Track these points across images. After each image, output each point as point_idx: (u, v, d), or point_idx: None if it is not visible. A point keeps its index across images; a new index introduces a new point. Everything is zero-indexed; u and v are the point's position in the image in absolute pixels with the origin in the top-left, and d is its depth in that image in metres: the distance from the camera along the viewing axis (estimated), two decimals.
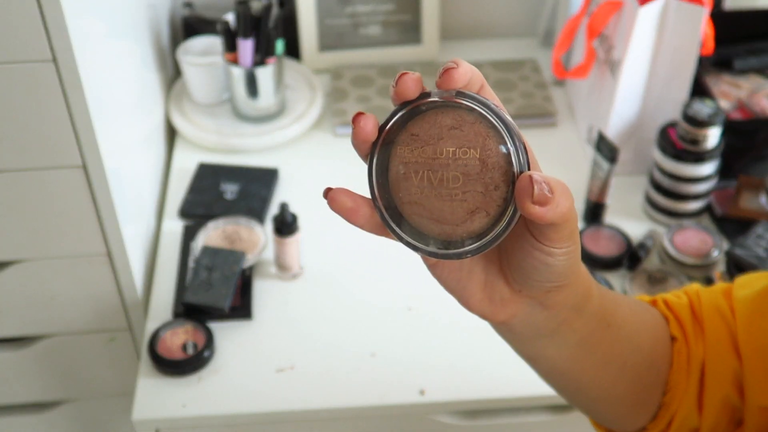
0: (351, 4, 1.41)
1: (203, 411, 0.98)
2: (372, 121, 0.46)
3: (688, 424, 0.67)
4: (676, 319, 0.67)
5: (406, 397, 0.99)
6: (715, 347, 0.65)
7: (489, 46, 1.50)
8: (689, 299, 0.68)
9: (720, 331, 0.66)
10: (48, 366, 1.18)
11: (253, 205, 1.19)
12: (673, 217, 1.17)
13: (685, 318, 0.67)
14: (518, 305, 0.53)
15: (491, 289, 0.52)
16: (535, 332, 0.55)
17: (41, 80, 0.88)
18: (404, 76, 0.45)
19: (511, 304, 0.53)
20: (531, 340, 0.56)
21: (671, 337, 0.66)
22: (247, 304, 1.07)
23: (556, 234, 0.46)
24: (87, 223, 1.00)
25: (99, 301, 1.09)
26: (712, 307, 0.67)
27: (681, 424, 0.67)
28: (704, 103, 1.11)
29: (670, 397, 0.66)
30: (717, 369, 0.65)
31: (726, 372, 0.65)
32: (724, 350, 0.65)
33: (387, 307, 1.08)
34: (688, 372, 0.66)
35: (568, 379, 0.61)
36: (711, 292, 0.68)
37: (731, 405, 0.66)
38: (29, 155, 0.94)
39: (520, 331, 0.55)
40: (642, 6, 1.09)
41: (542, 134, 1.33)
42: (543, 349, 0.57)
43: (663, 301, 0.69)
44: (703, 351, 0.66)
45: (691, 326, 0.67)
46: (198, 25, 1.37)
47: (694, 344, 0.66)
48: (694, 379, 0.66)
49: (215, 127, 1.31)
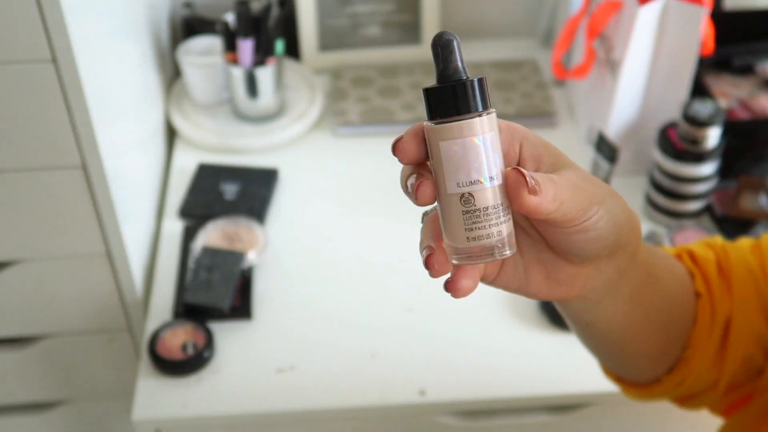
0: (351, 4, 1.41)
1: (203, 411, 0.98)
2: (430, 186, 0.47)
3: (701, 381, 0.67)
4: (702, 275, 0.66)
5: (406, 397, 0.99)
6: (743, 307, 0.65)
7: (489, 46, 1.50)
8: (716, 254, 0.67)
9: (748, 290, 0.65)
10: (48, 366, 1.18)
11: (253, 205, 1.19)
12: (673, 218, 1.17)
13: (711, 273, 0.66)
14: (584, 274, 0.53)
15: (555, 274, 0.52)
16: (602, 293, 0.55)
17: (41, 80, 0.88)
18: (398, 146, 0.47)
19: (579, 276, 0.53)
20: (596, 303, 0.56)
21: (696, 293, 0.66)
22: (247, 304, 1.07)
23: (565, 216, 0.47)
24: (87, 223, 1.00)
25: (99, 301, 1.09)
26: (742, 265, 0.66)
27: (695, 380, 0.67)
28: (704, 103, 1.11)
29: (690, 353, 0.66)
30: (743, 328, 0.65)
31: (752, 332, 0.65)
32: (751, 311, 0.65)
33: (387, 307, 1.08)
34: (710, 330, 0.65)
35: (614, 337, 0.61)
36: (738, 249, 0.68)
37: (752, 362, 0.66)
38: (29, 155, 0.94)
39: (591, 296, 0.55)
40: (642, 6, 1.09)
41: (542, 134, 1.30)
42: (604, 310, 0.57)
43: (688, 254, 0.68)
44: (729, 308, 0.65)
45: (717, 282, 0.66)
46: (198, 25, 1.37)
47: (720, 301, 0.65)
48: (716, 337, 0.66)
49: (215, 127, 1.31)
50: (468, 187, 0.46)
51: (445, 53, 0.46)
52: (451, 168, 0.46)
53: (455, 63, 0.46)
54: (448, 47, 0.46)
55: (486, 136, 0.46)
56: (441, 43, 0.46)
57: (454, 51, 0.46)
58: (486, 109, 0.46)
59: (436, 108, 0.46)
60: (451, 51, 0.46)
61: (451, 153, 0.46)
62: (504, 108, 1.34)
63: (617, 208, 0.50)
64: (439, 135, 0.46)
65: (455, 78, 0.46)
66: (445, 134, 0.46)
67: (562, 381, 1.00)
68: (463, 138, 0.46)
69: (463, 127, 0.45)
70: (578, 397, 1.00)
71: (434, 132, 0.46)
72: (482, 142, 0.46)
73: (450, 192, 0.47)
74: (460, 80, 0.46)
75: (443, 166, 0.46)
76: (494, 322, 1.06)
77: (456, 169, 0.46)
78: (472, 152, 0.46)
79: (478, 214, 0.46)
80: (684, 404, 0.72)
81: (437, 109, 0.46)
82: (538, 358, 1.02)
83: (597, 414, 1.02)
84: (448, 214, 0.47)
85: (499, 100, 1.35)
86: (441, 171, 0.47)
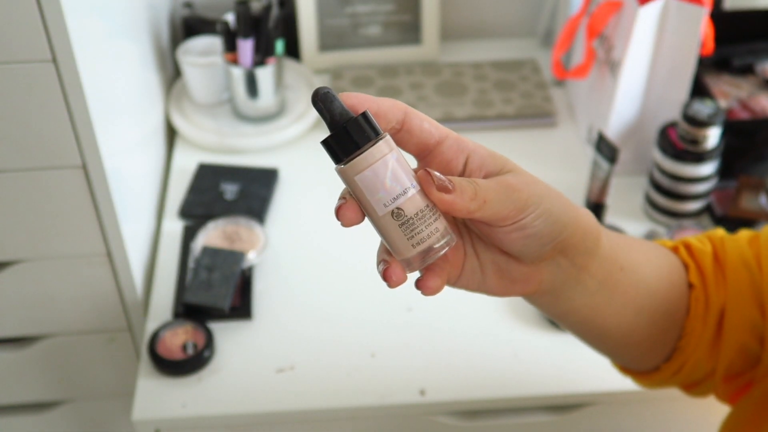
0: (351, 4, 1.41)
1: (203, 411, 0.98)
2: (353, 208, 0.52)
3: (699, 369, 0.70)
4: (697, 267, 0.69)
5: (406, 397, 0.99)
6: (736, 297, 0.68)
7: (489, 46, 1.50)
8: (713, 246, 0.70)
9: (743, 281, 0.68)
10: (48, 366, 1.18)
11: (253, 205, 1.19)
12: (673, 218, 1.17)
13: (706, 265, 0.69)
14: (539, 271, 0.58)
15: (509, 274, 0.58)
16: (561, 286, 0.59)
17: (41, 80, 0.88)
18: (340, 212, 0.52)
19: (534, 275, 0.58)
20: (559, 297, 0.60)
21: (689, 284, 0.69)
22: (247, 304, 1.07)
23: (496, 215, 0.52)
24: (87, 223, 1.00)
25: (99, 301, 1.09)
26: (737, 257, 0.69)
27: (692, 368, 0.70)
28: (704, 103, 1.11)
29: (685, 342, 0.69)
30: (736, 318, 0.68)
31: (745, 322, 0.68)
32: (745, 301, 0.68)
33: (387, 307, 1.08)
34: (704, 320, 0.68)
35: (592, 327, 0.65)
36: (736, 241, 0.70)
37: (748, 350, 0.69)
38: (29, 155, 0.94)
39: (550, 290, 0.59)
40: (642, 6, 1.09)
41: (542, 134, 1.33)
42: (570, 302, 0.61)
43: (685, 246, 0.71)
44: (723, 299, 0.68)
45: (713, 274, 0.69)
46: (198, 25, 1.37)
47: (714, 292, 0.68)
48: (711, 326, 0.68)
49: (215, 127, 1.31)
50: (394, 203, 0.51)
51: (326, 104, 0.51)
52: (373, 193, 0.51)
53: (339, 108, 0.51)
54: (327, 98, 0.51)
55: (390, 156, 0.51)
56: (320, 97, 0.51)
57: (334, 99, 0.51)
58: (378, 135, 0.51)
59: (338, 151, 0.51)
60: (331, 100, 0.51)
61: (367, 181, 0.51)
62: (504, 108, 1.34)
63: (558, 208, 0.55)
64: (351, 171, 0.51)
65: (344, 120, 0.50)
66: (356, 168, 0.50)
67: (561, 381, 1.00)
68: (372, 164, 0.50)
69: (368, 155, 0.50)
70: (578, 397, 1.00)
71: (346, 171, 0.51)
72: (388, 161, 0.50)
73: (381, 214, 0.51)
74: (349, 120, 0.50)
75: (366, 195, 0.51)
76: (494, 322, 1.06)
77: (377, 192, 0.51)
78: (384, 173, 0.50)
79: (412, 222, 0.51)
80: (689, 391, 0.75)
81: (340, 151, 0.51)
82: (537, 358, 1.02)
83: (597, 414, 1.02)
84: (388, 233, 0.52)
85: (499, 100, 1.35)
86: (366, 200, 0.51)
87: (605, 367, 0.80)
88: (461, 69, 1.41)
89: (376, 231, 0.53)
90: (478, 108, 1.34)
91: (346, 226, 0.52)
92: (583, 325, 0.65)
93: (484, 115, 1.33)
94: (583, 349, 1.03)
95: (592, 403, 1.01)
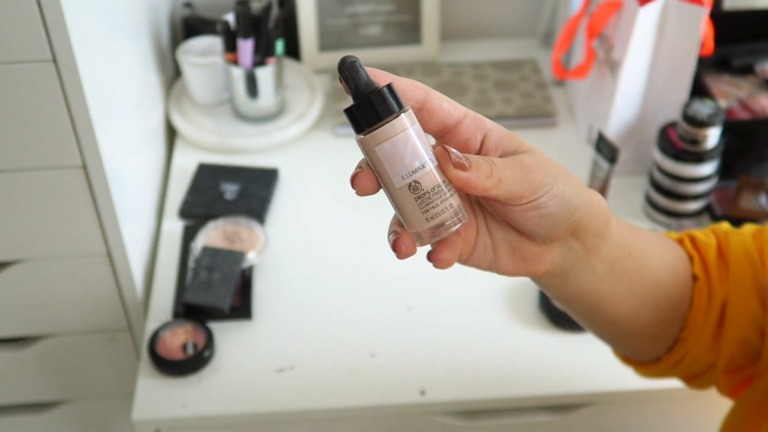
0: (351, 4, 1.41)
1: (203, 411, 0.98)
2: (369, 178, 0.52)
3: (701, 361, 0.71)
4: (701, 259, 0.70)
5: (406, 397, 0.99)
6: (738, 290, 0.68)
7: (489, 46, 1.50)
8: (717, 239, 0.71)
9: (745, 274, 0.68)
10: (48, 366, 1.18)
11: (253, 205, 1.19)
12: (673, 218, 1.17)
13: (710, 258, 0.70)
14: (551, 252, 0.58)
15: (521, 252, 0.58)
16: (571, 268, 0.60)
17: (41, 80, 0.88)
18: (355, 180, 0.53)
19: (545, 255, 0.58)
20: (568, 279, 0.61)
21: (693, 276, 0.69)
22: (247, 304, 1.07)
23: (512, 194, 0.52)
24: (87, 223, 1.00)
25: (99, 301, 1.09)
26: (740, 250, 0.69)
27: (694, 360, 0.71)
28: (704, 103, 1.11)
29: (687, 333, 0.69)
30: (738, 311, 0.68)
31: (747, 315, 0.68)
32: (747, 294, 0.68)
33: (387, 307, 1.08)
34: (707, 312, 0.69)
35: (598, 312, 0.65)
36: (740, 235, 0.71)
37: (749, 344, 0.69)
38: (29, 155, 0.94)
39: (560, 272, 0.60)
40: (642, 6, 1.09)
41: (542, 134, 1.33)
42: (578, 285, 0.61)
43: (690, 238, 0.72)
44: (726, 292, 0.69)
45: (716, 267, 0.69)
46: (198, 25, 1.37)
47: (717, 285, 0.69)
48: (713, 319, 0.69)
49: (215, 127, 1.31)
50: (411, 176, 0.51)
51: (352, 74, 0.51)
52: (392, 165, 0.51)
53: (364, 79, 0.51)
54: (354, 67, 0.51)
55: (411, 129, 0.51)
56: (346, 66, 0.51)
57: (361, 69, 0.51)
58: (401, 108, 0.51)
59: (361, 121, 0.51)
60: (357, 70, 0.51)
61: (387, 153, 0.51)
62: (504, 108, 1.34)
63: (571, 189, 0.55)
64: (372, 142, 0.51)
65: (369, 91, 0.51)
66: (377, 139, 0.51)
67: (561, 381, 1.00)
68: (393, 136, 0.51)
69: (389, 127, 0.51)
70: (578, 397, 1.00)
71: (367, 141, 0.51)
72: (409, 135, 0.51)
73: (398, 186, 0.52)
74: (374, 91, 0.51)
75: (385, 167, 0.52)
76: (494, 322, 1.06)
77: (396, 165, 0.51)
78: (404, 146, 0.51)
79: (428, 196, 0.52)
80: (691, 383, 0.76)
81: (362, 121, 0.51)
82: (537, 358, 1.02)
83: (597, 414, 1.02)
84: (403, 206, 0.53)
85: (499, 100, 1.35)
86: (384, 171, 0.52)
87: (605, 367, 0.80)
88: (461, 69, 1.41)
89: (390, 203, 0.53)
90: (478, 108, 1.34)
91: (360, 195, 0.52)
92: (589, 310, 0.65)
93: (484, 115, 1.33)
94: (583, 349, 1.04)
95: (592, 403, 1.01)
